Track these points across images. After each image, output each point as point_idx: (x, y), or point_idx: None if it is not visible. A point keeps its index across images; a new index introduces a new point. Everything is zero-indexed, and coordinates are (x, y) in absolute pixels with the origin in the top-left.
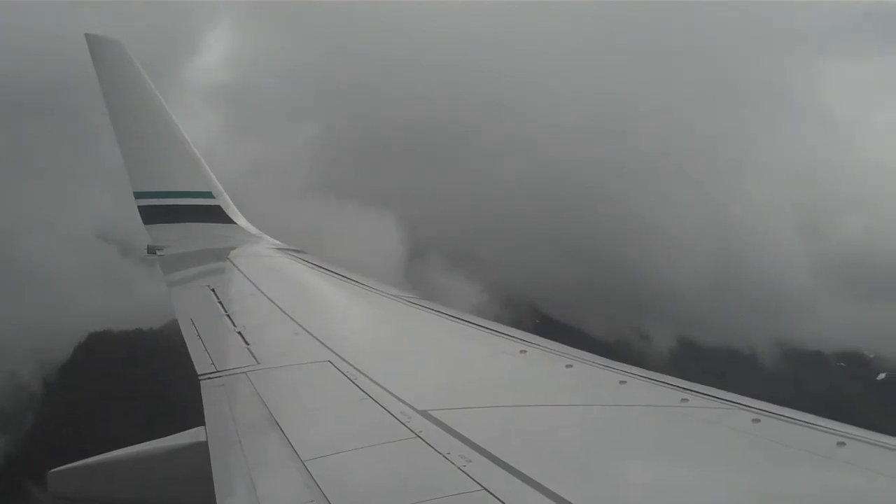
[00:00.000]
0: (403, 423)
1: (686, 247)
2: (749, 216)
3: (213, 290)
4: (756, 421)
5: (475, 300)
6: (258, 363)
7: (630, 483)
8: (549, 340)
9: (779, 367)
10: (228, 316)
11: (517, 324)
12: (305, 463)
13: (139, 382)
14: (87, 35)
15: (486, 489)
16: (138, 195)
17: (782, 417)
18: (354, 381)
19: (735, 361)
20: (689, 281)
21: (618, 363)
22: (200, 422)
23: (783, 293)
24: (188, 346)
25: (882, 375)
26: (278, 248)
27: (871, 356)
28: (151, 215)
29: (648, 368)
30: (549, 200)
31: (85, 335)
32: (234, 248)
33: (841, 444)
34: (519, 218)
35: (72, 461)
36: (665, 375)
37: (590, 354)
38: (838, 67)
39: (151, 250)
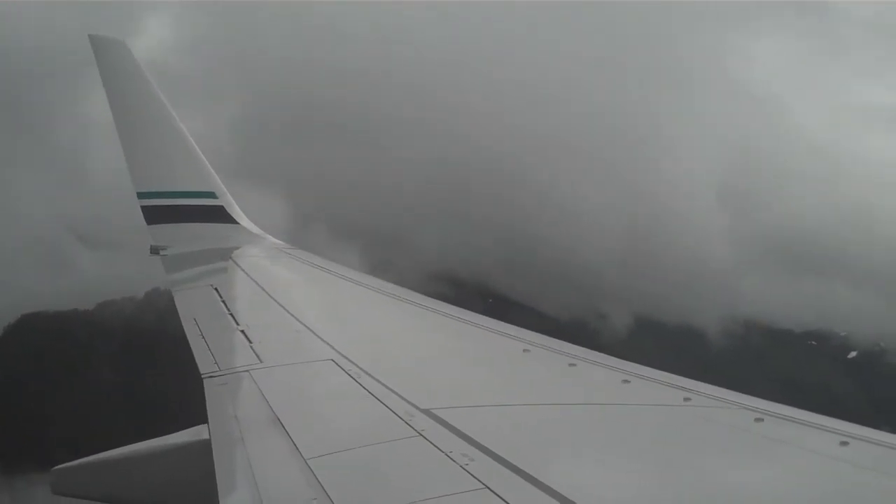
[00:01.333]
0: (406, 422)
1: (628, 227)
2: (685, 198)
3: (216, 289)
4: (759, 420)
5: (421, 280)
6: (261, 362)
7: (633, 482)
8: (552, 339)
9: (747, 346)
10: (231, 315)
11: (468, 303)
12: (308, 461)
13: (70, 362)
14: (90, 35)
15: (488, 487)
16: (141, 195)
17: (785, 417)
18: (357, 379)
19: (701, 341)
20: (641, 260)
21: (621, 362)
22: (135, 400)
23: (735, 272)
24: (191, 344)
25: (853, 354)
26: (281, 248)
27: (843, 334)
28: (154, 215)
29: (602, 346)
30: (487, 185)
31: (18, 315)
32: (237, 248)
33: (844, 443)
34: (455, 200)
35: None
36: (668, 374)
37: (593, 353)
38: (760, 44)
39: (154, 250)
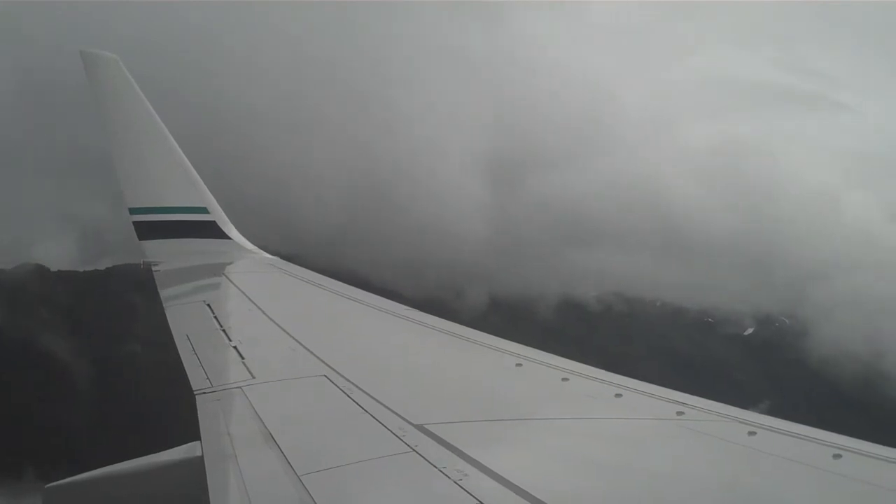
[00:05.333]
0: (399, 438)
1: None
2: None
3: (208, 305)
4: (752, 433)
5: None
6: (254, 378)
7: (626, 497)
8: (545, 353)
9: (638, 323)
10: (224, 331)
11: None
12: (301, 478)
13: None
14: (81, 51)
15: (482, 503)
16: (133, 211)
17: (778, 430)
18: (350, 395)
19: (583, 316)
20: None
21: (613, 375)
22: None
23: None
24: (183, 361)
25: (749, 330)
26: (273, 263)
27: (741, 311)
28: (147, 231)
29: (467, 322)
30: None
31: None
32: (229, 264)
33: (837, 456)
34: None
35: None
36: (661, 388)
37: (586, 367)
38: (536, 23)
39: (147, 266)
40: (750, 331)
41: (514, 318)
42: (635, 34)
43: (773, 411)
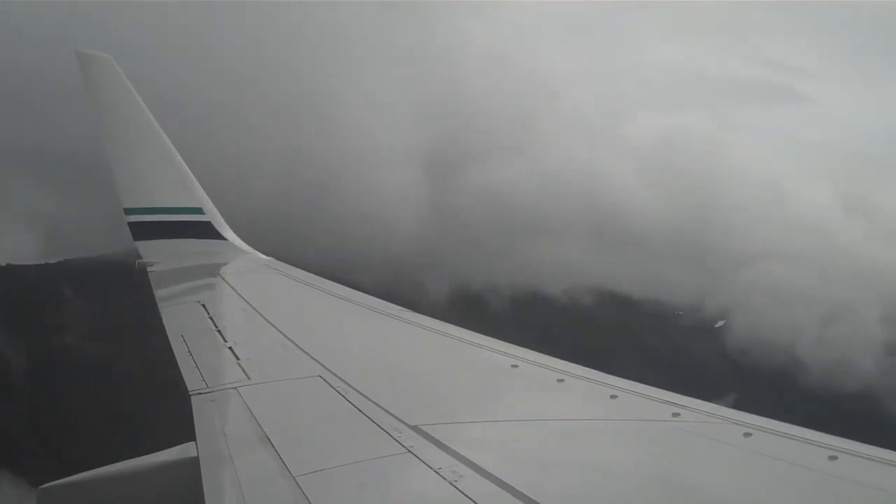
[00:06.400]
0: (395, 438)
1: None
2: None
3: (203, 305)
4: (748, 435)
5: None
6: (249, 379)
7: (622, 498)
8: (540, 355)
9: (605, 316)
10: (219, 331)
11: None
12: (297, 478)
13: None
14: (77, 52)
15: None
16: (128, 211)
17: (774, 432)
18: (345, 395)
19: (547, 308)
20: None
21: (608, 377)
22: None
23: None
24: (178, 362)
25: (721, 323)
26: (268, 264)
27: (711, 304)
28: (142, 231)
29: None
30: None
31: None
32: (224, 264)
33: (833, 458)
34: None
35: None
36: (656, 389)
37: (581, 368)
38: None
39: (142, 266)
40: (721, 323)
41: (479, 312)
42: (599, 30)
43: (739, 405)
